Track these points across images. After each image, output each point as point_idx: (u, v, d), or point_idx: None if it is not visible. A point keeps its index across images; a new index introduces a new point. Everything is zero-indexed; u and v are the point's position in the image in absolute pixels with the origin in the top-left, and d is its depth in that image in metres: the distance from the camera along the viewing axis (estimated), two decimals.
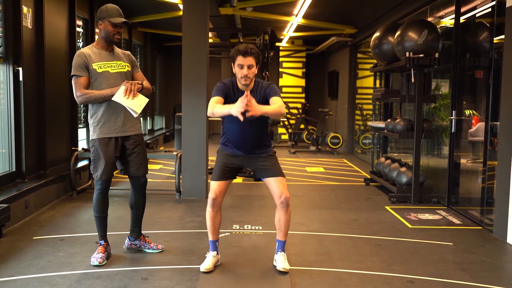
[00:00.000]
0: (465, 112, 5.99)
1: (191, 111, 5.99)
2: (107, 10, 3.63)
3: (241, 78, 3.41)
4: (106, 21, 3.61)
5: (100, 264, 3.58)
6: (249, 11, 8.85)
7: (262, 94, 3.47)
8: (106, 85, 3.61)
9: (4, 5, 4.93)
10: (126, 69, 3.74)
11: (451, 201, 5.71)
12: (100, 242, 3.73)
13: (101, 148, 3.63)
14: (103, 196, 3.70)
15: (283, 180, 3.52)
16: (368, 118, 10.04)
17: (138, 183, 3.83)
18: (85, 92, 3.56)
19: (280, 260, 3.53)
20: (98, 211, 3.71)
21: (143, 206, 3.92)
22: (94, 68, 3.59)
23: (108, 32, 3.62)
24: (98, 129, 3.65)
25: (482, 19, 5.76)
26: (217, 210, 3.49)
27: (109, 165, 3.65)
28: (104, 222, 3.74)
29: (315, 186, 7.06)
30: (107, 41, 3.67)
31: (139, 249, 3.93)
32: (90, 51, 3.64)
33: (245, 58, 3.38)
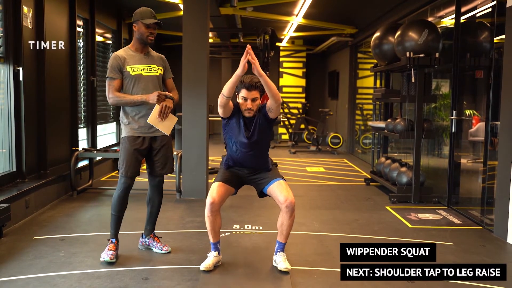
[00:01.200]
0: (466, 112, 5.99)
1: (191, 111, 5.99)
2: (140, 13, 3.74)
3: (244, 110, 3.48)
4: (140, 23, 3.71)
5: (111, 260, 3.60)
6: (249, 11, 8.85)
7: (262, 113, 3.52)
8: (139, 87, 3.70)
9: (4, 5, 4.93)
10: (158, 73, 3.81)
11: (451, 201, 5.71)
12: (112, 240, 3.75)
13: (130, 146, 3.72)
14: (124, 195, 3.75)
15: (284, 183, 3.52)
16: (368, 118, 10.04)
17: (156, 180, 3.94)
18: (117, 95, 3.66)
19: (280, 260, 3.53)
20: (116, 210, 3.75)
21: (158, 204, 3.99)
22: (128, 71, 3.69)
23: (142, 33, 3.72)
24: (129, 128, 3.75)
25: (483, 19, 5.76)
26: (216, 214, 3.48)
27: (136, 162, 3.74)
28: (119, 221, 3.79)
29: (315, 186, 7.06)
30: (141, 43, 3.75)
31: (148, 246, 3.97)
32: (125, 54, 3.73)
33: (250, 92, 3.44)
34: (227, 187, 3.53)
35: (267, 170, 3.62)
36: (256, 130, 3.51)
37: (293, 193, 3.48)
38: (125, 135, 3.77)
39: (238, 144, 3.54)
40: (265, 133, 3.56)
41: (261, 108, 3.54)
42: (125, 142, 3.75)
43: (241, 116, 3.52)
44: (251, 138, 3.51)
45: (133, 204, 5.55)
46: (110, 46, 8.58)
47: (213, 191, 3.45)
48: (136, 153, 3.73)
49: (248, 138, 3.50)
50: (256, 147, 3.54)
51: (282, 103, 12.29)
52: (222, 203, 3.50)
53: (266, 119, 3.52)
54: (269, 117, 3.51)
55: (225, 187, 3.52)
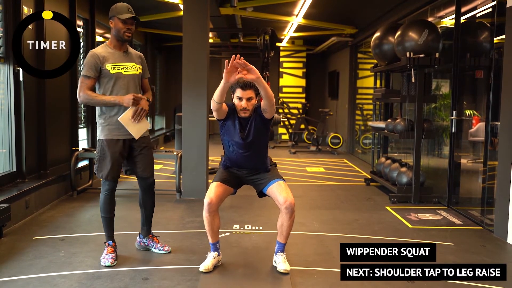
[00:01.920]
0: (466, 112, 5.99)
1: (192, 111, 5.99)
2: (116, 8, 3.66)
3: (240, 110, 3.46)
4: (116, 19, 3.63)
5: (112, 264, 3.57)
6: (249, 11, 8.85)
7: (260, 117, 3.50)
8: (118, 86, 3.62)
9: (5, 5, 4.94)
10: (138, 72, 3.75)
11: (451, 201, 5.71)
12: (108, 242, 3.72)
13: (108, 149, 3.62)
14: (110, 197, 3.70)
15: (284, 184, 3.51)
16: (368, 118, 10.04)
17: (145, 183, 3.85)
18: (88, 94, 3.55)
19: (280, 261, 3.53)
20: (105, 212, 3.71)
21: (151, 206, 3.95)
22: (108, 69, 3.59)
23: (118, 29, 3.63)
24: (106, 130, 3.64)
25: (483, 19, 5.76)
26: (214, 214, 3.46)
27: (116, 165, 3.65)
28: (111, 222, 3.74)
29: (315, 186, 7.06)
30: (119, 40, 3.67)
31: (147, 247, 3.95)
32: (104, 52, 3.63)
33: (244, 91, 3.42)
34: (225, 187, 3.52)
35: (266, 170, 3.61)
36: (252, 131, 3.50)
37: (293, 194, 3.48)
38: (103, 138, 3.64)
39: (234, 145, 3.53)
40: (261, 134, 3.53)
41: (256, 108, 3.52)
42: (104, 145, 3.63)
43: (236, 117, 3.51)
44: (246, 138, 3.49)
45: (132, 204, 5.57)
46: None
47: (210, 192, 3.44)
48: (116, 157, 3.64)
49: (243, 139, 3.49)
50: (253, 147, 3.52)
51: (282, 103, 12.39)
52: (220, 204, 3.50)
53: (262, 119, 3.50)
54: (265, 118, 3.49)
55: (223, 187, 3.51)
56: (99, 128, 3.69)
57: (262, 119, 3.50)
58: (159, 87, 13.10)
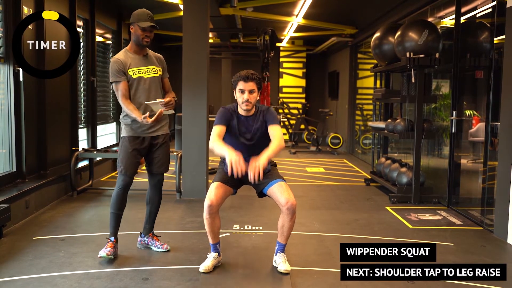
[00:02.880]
0: (466, 112, 5.99)
1: (191, 111, 5.99)
2: (137, 15, 3.76)
3: (242, 103, 3.46)
4: (136, 25, 3.73)
5: (108, 256, 3.62)
6: (249, 11, 8.85)
7: (261, 118, 3.52)
8: (141, 89, 3.75)
9: (5, 5, 4.94)
10: (158, 74, 3.86)
11: (451, 202, 5.71)
12: (110, 238, 3.77)
13: (130, 145, 3.75)
14: (123, 193, 3.79)
15: (285, 184, 3.49)
16: (368, 118, 10.04)
17: (156, 179, 3.96)
18: (125, 104, 3.68)
19: (280, 261, 3.52)
20: (115, 208, 3.78)
21: (158, 203, 4.01)
22: (130, 74, 3.72)
23: (138, 36, 3.74)
24: (129, 128, 3.78)
25: (483, 19, 5.76)
26: (215, 215, 3.45)
27: (134, 161, 3.77)
28: (119, 219, 3.81)
29: (315, 186, 7.06)
30: (138, 45, 3.78)
31: (147, 246, 3.99)
32: (124, 57, 3.75)
33: (246, 83, 3.43)
34: (225, 187, 3.51)
35: (266, 171, 3.60)
36: (255, 135, 3.52)
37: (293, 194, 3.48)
38: (125, 135, 3.80)
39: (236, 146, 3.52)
40: (263, 137, 3.54)
41: (264, 112, 3.52)
42: (125, 141, 3.78)
43: (237, 118, 3.51)
44: (249, 141, 3.53)
45: (133, 204, 5.56)
46: (110, 46, 8.58)
47: (211, 193, 3.43)
48: (135, 153, 3.77)
49: (246, 141, 3.52)
50: (254, 149, 3.52)
51: (282, 104, 12.39)
52: (220, 205, 3.49)
53: (265, 125, 3.51)
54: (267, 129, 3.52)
55: (224, 187, 3.50)
56: (122, 126, 3.85)
57: (266, 125, 3.51)
58: None
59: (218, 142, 3.37)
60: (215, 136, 3.42)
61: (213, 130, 3.48)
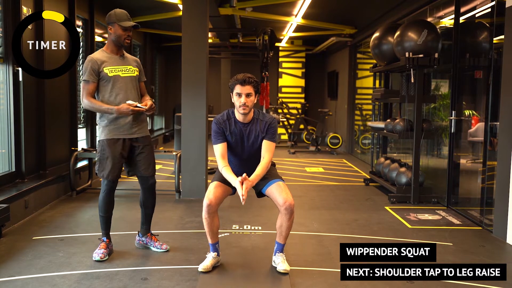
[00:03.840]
0: (465, 112, 5.99)
1: (191, 111, 5.98)
2: (116, 15, 3.71)
3: (239, 107, 3.45)
4: (116, 25, 3.69)
5: (102, 259, 3.64)
6: (248, 11, 8.85)
7: (261, 129, 3.52)
8: (117, 88, 3.69)
9: (4, 5, 4.93)
10: (135, 74, 3.82)
11: (450, 202, 5.71)
12: (103, 238, 3.80)
13: (109, 148, 3.69)
14: (109, 196, 3.78)
15: (283, 184, 3.50)
16: (367, 118, 10.04)
17: (147, 183, 3.90)
18: (91, 101, 3.65)
19: (280, 261, 3.52)
20: (103, 211, 3.80)
21: (152, 206, 4.00)
22: (106, 72, 3.66)
23: (118, 36, 3.70)
24: (106, 130, 3.72)
25: (482, 19, 5.76)
26: (214, 215, 3.46)
27: (116, 165, 3.71)
28: (108, 221, 3.84)
29: (314, 186, 7.06)
30: (117, 45, 3.74)
31: (145, 246, 3.99)
32: (100, 56, 3.71)
33: (243, 87, 3.42)
34: (224, 187, 3.51)
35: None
36: (255, 142, 3.54)
37: (292, 194, 3.48)
38: (104, 138, 3.71)
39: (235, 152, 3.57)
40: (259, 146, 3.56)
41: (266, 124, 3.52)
42: (105, 145, 3.70)
43: (234, 126, 3.51)
44: (249, 147, 3.55)
45: (132, 204, 5.56)
46: None
47: (209, 193, 3.43)
48: (117, 157, 3.70)
49: (245, 148, 3.55)
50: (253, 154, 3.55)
51: (281, 104, 12.39)
52: (219, 204, 3.49)
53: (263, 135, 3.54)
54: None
55: (223, 187, 3.50)
56: (99, 129, 3.78)
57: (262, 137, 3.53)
58: (158, 87, 13.10)
59: (225, 169, 3.42)
60: (220, 160, 3.46)
61: (215, 152, 3.51)
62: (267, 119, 3.55)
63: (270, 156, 3.50)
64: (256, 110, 3.58)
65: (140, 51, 10.97)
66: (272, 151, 3.52)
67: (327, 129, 12.69)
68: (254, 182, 3.37)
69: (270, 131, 3.52)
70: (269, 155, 3.50)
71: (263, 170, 3.44)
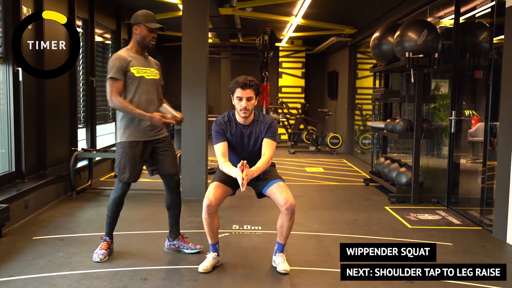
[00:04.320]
0: (465, 112, 5.99)
1: (191, 111, 5.98)
2: (143, 15, 3.68)
3: (240, 110, 3.45)
4: (142, 26, 3.66)
5: (102, 260, 3.63)
6: (248, 11, 8.85)
7: (261, 130, 3.52)
8: (141, 89, 3.66)
9: (4, 5, 4.93)
10: (158, 77, 3.82)
11: (450, 202, 5.71)
12: (105, 238, 3.78)
13: (130, 151, 3.66)
14: (121, 199, 3.78)
15: (284, 184, 3.50)
16: (367, 118, 10.04)
17: (172, 181, 3.87)
18: (123, 102, 3.58)
19: (280, 261, 3.52)
20: (113, 212, 3.78)
21: (179, 205, 3.97)
22: (133, 72, 3.63)
23: (144, 37, 3.67)
24: (127, 133, 3.66)
25: (482, 19, 5.76)
26: (213, 215, 3.45)
27: (137, 167, 3.71)
28: (115, 221, 3.81)
29: (314, 186, 7.05)
30: (142, 46, 3.71)
31: (178, 249, 3.94)
32: (127, 55, 3.66)
33: (244, 91, 3.41)
34: (224, 187, 3.51)
35: (265, 171, 3.60)
36: (256, 143, 3.54)
37: (292, 194, 3.48)
38: (125, 140, 3.67)
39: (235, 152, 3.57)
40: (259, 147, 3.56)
41: (265, 123, 3.52)
42: (126, 147, 3.66)
43: (235, 127, 3.52)
44: (251, 148, 3.55)
45: (132, 204, 5.56)
46: (109, 46, 8.57)
47: (209, 193, 3.43)
48: (137, 159, 3.68)
49: (245, 148, 3.55)
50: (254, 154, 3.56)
51: (281, 104, 12.39)
52: (219, 205, 3.48)
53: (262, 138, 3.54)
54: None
55: (223, 187, 3.50)
56: (120, 130, 3.71)
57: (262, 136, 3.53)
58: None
59: (225, 164, 3.40)
60: (220, 157, 3.45)
61: (216, 150, 3.50)
62: (267, 121, 3.55)
63: (271, 153, 3.48)
64: (256, 112, 3.58)
65: None
66: (273, 149, 3.51)
67: (327, 129, 12.69)
68: (254, 174, 3.32)
69: (270, 130, 3.52)
70: (270, 152, 3.48)
71: (263, 164, 3.41)
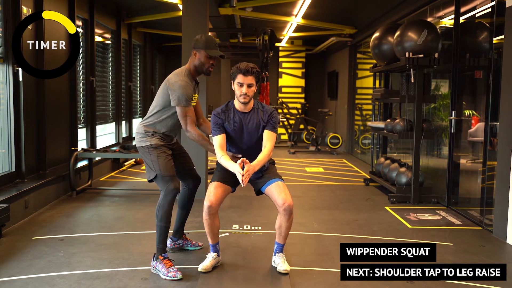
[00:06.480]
0: (465, 112, 5.99)
1: None
2: (205, 41, 3.60)
3: (240, 96, 3.45)
4: (202, 52, 3.58)
5: (180, 276, 3.35)
6: (248, 11, 8.85)
7: (262, 117, 3.52)
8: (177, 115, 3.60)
9: (4, 5, 4.93)
10: (194, 103, 3.73)
11: (450, 202, 5.71)
12: (163, 255, 3.45)
13: (160, 146, 3.59)
14: (174, 200, 3.56)
15: (283, 184, 3.50)
16: (367, 118, 10.04)
17: (195, 181, 3.88)
18: (200, 135, 3.57)
19: (280, 261, 3.52)
20: (167, 221, 3.49)
21: (191, 205, 3.96)
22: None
23: (202, 63, 3.61)
24: (156, 139, 3.61)
25: (482, 19, 5.76)
26: (214, 216, 3.45)
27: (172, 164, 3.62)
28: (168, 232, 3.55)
29: (314, 186, 7.05)
30: (198, 71, 3.65)
31: (181, 248, 3.95)
32: (190, 82, 3.59)
33: (246, 77, 3.42)
34: (224, 187, 3.51)
35: (265, 169, 3.61)
36: (256, 132, 3.52)
37: (292, 194, 3.48)
38: (154, 143, 3.59)
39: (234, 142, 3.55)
40: (260, 137, 3.55)
41: (267, 114, 3.52)
42: (156, 145, 3.58)
43: (234, 116, 3.51)
44: (249, 137, 3.52)
45: (132, 204, 5.57)
46: (109, 46, 8.57)
47: (210, 194, 3.42)
48: (169, 156, 3.63)
49: (244, 137, 3.53)
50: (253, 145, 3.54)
51: (281, 104, 12.39)
52: (220, 205, 3.48)
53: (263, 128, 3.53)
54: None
55: (223, 187, 3.50)
56: (144, 137, 3.61)
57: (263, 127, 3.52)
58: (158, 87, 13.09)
59: (223, 157, 3.40)
60: (218, 150, 3.45)
61: (214, 143, 3.50)
62: (267, 109, 3.56)
63: (271, 146, 3.48)
64: (256, 101, 3.59)
65: (140, 51, 10.97)
66: (273, 141, 3.51)
67: (327, 129, 12.69)
68: (256, 168, 3.31)
69: (271, 121, 3.52)
70: (271, 144, 3.48)
71: (264, 157, 3.41)
